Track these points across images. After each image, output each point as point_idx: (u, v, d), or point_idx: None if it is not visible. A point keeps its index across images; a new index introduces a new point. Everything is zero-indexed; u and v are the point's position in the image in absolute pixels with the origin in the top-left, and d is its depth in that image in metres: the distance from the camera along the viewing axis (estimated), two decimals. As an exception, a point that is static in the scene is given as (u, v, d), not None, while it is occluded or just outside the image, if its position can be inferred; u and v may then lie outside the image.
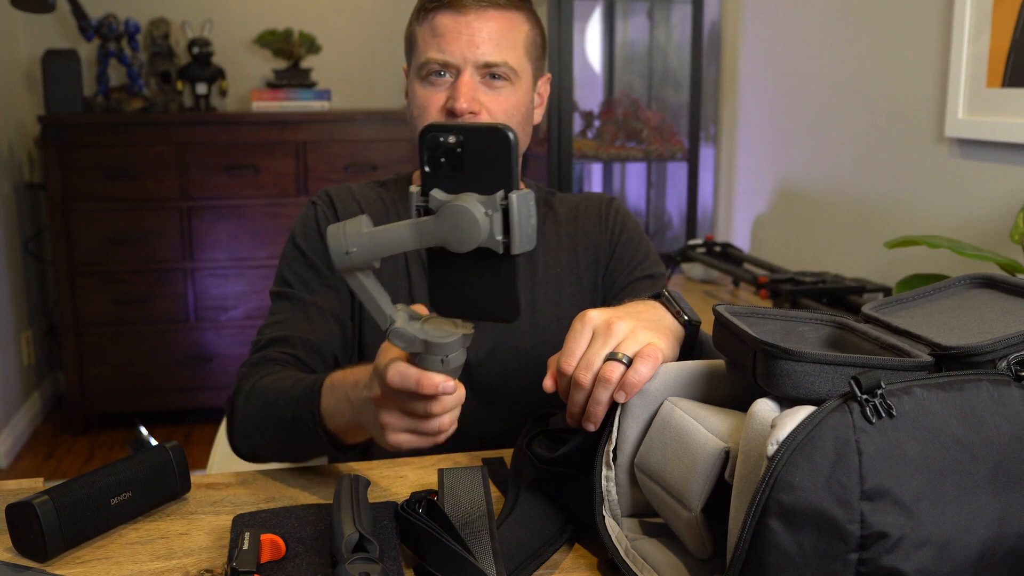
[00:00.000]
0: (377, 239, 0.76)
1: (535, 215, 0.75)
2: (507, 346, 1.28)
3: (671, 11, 3.44)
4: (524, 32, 1.23)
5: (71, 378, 3.45)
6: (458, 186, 0.75)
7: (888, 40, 2.20)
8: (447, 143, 0.75)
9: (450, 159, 0.75)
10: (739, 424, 0.78)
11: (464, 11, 1.19)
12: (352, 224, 0.76)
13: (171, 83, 3.72)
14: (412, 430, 0.86)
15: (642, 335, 0.88)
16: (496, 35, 1.20)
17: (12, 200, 3.52)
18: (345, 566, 0.75)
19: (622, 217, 1.35)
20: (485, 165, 0.74)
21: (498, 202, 0.74)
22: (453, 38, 1.19)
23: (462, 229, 0.74)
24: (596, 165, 3.70)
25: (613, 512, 0.88)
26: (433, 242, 0.75)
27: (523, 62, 1.23)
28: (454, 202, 0.74)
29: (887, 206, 2.22)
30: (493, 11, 1.20)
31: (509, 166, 0.74)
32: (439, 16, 1.20)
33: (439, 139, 0.75)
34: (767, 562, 0.67)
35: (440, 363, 0.79)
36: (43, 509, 0.86)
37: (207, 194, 3.45)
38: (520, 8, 1.23)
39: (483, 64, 1.19)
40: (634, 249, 1.33)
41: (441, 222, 0.74)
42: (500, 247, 0.74)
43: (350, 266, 0.77)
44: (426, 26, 1.22)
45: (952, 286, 0.89)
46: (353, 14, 3.93)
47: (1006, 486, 0.69)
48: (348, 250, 0.76)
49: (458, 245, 0.74)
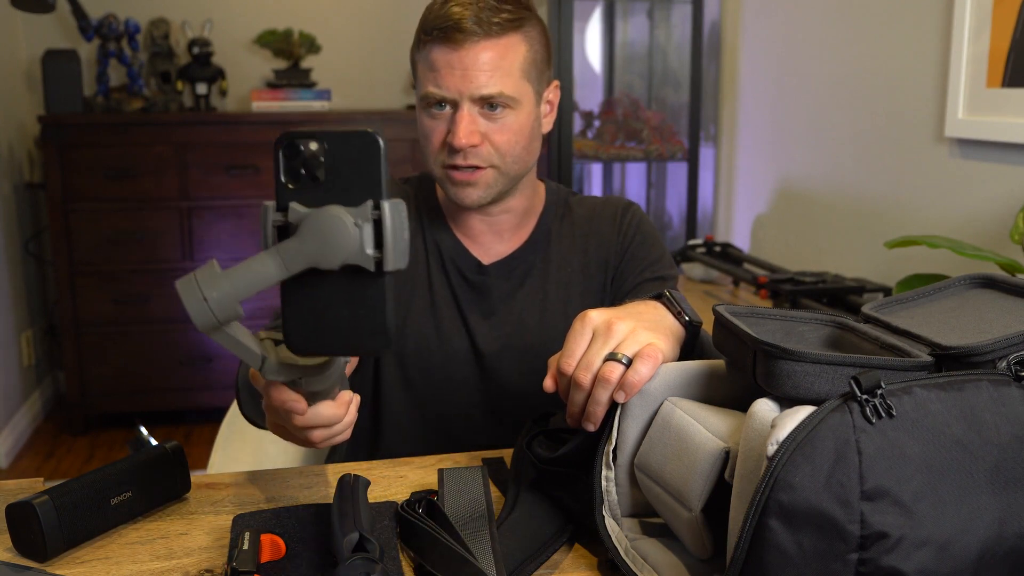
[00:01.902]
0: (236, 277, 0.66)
1: (408, 228, 0.68)
2: (516, 344, 1.28)
3: (671, 11, 3.44)
4: (520, 55, 1.21)
5: (71, 378, 3.45)
6: (320, 199, 0.67)
7: (888, 40, 2.20)
8: (308, 151, 0.67)
9: (311, 168, 0.67)
10: (739, 424, 0.78)
11: (456, 45, 1.17)
12: (203, 271, 0.67)
13: (171, 83, 3.72)
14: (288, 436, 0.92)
15: (642, 335, 0.88)
16: (490, 66, 1.18)
17: (12, 200, 3.52)
18: (345, 566, 0.75)
19: (637, 220, 1.35)
20: (352, 173, 0.67)
21: (369, 212, 0.66)
22: (448, 73, 1.18)
23: (331, 241, 0.65)
24: (596, 165, 3.71)
25: (613, 512, 0.88)
26: (301, 264, 0.66)
27: (521, 86, 1.21)
28: (313, 214, 0.66)
29: (887, 206, 2.22)
30: (485, 41, 1.18)
31: (379, 174, 0.67)
32: (434, 49, 1.19)
33: (299, 147, 0.67)
34: (767, 562, 0.67)
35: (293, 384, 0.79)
36: (43, 509, 0.86)
37: (207, 194, 3.45)
38: (516, 29, 1.20)
39: (479, 97, 1.18)
40: (647, 251, 1.33)
41: (305, 238, 0.65)
42: (371, 263, 0.66)
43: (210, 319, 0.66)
44: (424, 57, 1.21)
45: (952, 286, 0.89)
46: (353, 14, 3.93)
47: (1006, 486, 0.69)
48: (206, 296, 0.66)
49: (327, 260, 0.66)
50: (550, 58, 1.29)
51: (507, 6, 1.20)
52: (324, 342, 0.69)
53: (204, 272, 0.67)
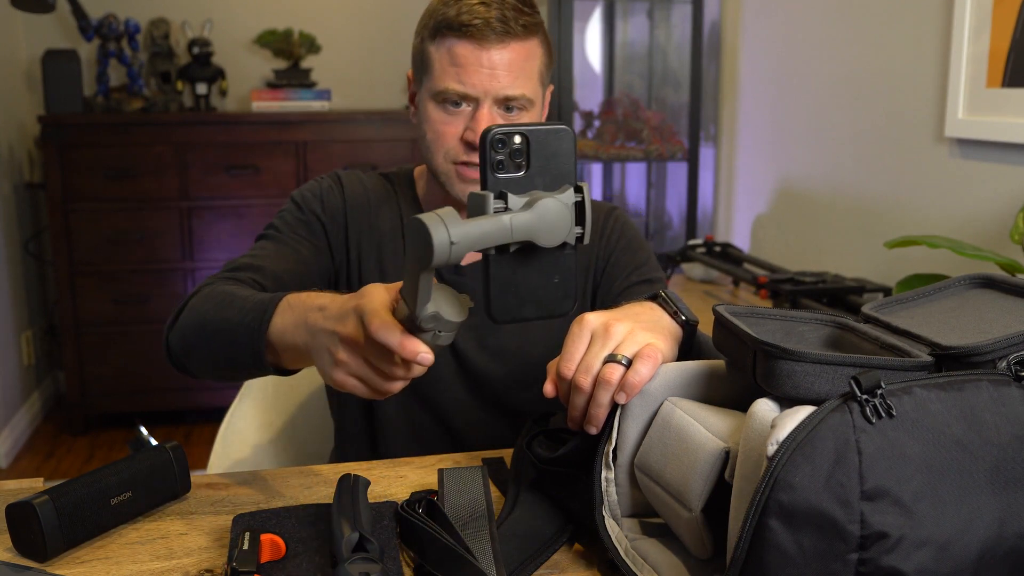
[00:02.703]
0: (482, 230, 0.73)
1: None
2: (492, 345, 1.28)
3: (671, 11, 3.44)
4: (539, 59, 1.23)
5: (71, 378, 3.45)
6: (524, 185, 0.76)
7: (888, 40, 2.20)
8: (514, 144, 0.76)
9: (515, 158, 0.76)
10: (739, 424, 0.78)
11: (485, 43, 1.17)
12: (448, 215, 0.72)
13: (171, 83, 3.72)
14: (363, 379, 0.85)
15: (640, 336, 0.88)
16: (515, 67, 1.19)
17: (12, 200, 3.52)
18: (345, 566, 0.75)
19: (620, 226, 1.35)
20: (550, 163, 0.77)
21: (572, 196, 0.77)
22: (474, 71, 1.17)
23: (557, 224, 0.75)
24: (596, 165, 3.70)
25: (613, 512, 0.88)
26: (523, 236, 0.75)
27: (537, 89, 1.23)
28: (544, 200, 0.75)
29: (887, 206, 2.22)
30: (513, 43, 1.18)
31: (573, 162, 0.78)
32: (459, 44, 1.18)
33: (507, 140, 0.76)
34: (767, 562, 0.67)
35: (432, 336, 0.79)
36: (43, 509, 0.86)
37: (207, 194, 3.45)
38: (535, 33, 1.22)
39: (502, 97, 1.19)
40: (632, 254, 1.33)
41: (534, 216, 0.75)
42: (574, 239, 0.77)
43: (446, 260, 0.72)
44: (444, 51, 1.20)
45: (952, 286, 0.89)
46: (353, 14, 3.93)
47: (1006, 486, 0.69)
48: (452, 240, 0.71)
49: (548, 239, 0.75)
50: (552, 64, 1.30)
51: (526, 9, 1.20)
52: (522, 309, 0.78)
53: (447, 214, 0.72)
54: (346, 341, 0.85)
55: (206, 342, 1.07)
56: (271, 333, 0.97)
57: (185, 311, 1.11)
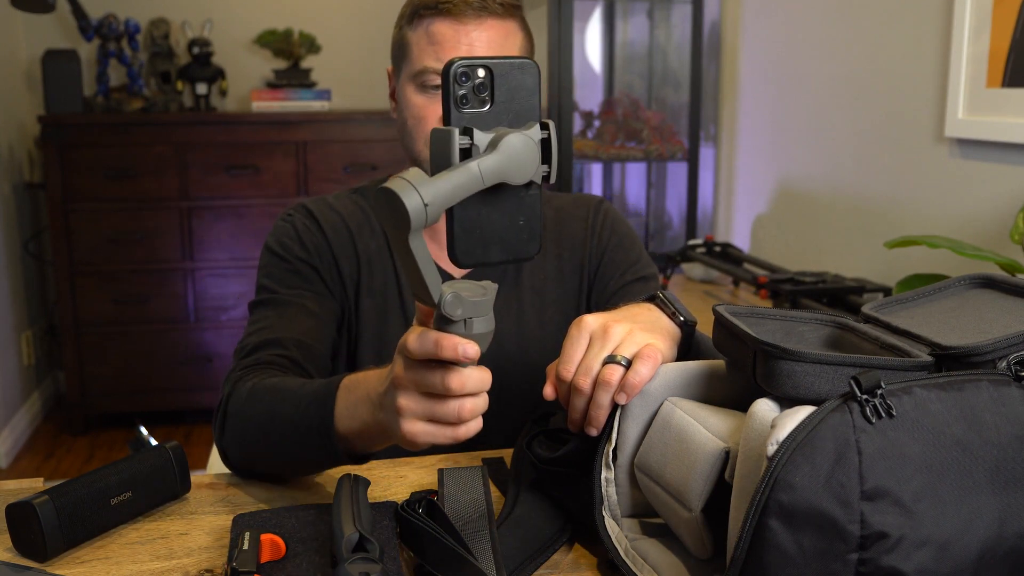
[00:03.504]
0: (453, 184, 0.70)
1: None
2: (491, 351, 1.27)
3: (671, 11, 3.44)
4: (519, 40, 1.22)
5: (71, 378, 3.45)
6: (489, 122, 0.74)
7: (888, 40, 2.20)
8: (478, 77, 0.73)
9: (479, 92, 0.74)
10: (739, 424, 0.78)
11: (463, 20, 1.16)
12: (414, 175, 0.69)
13: (171, 83, 3.72)
14: (429, 417, 0.78)
15: (639, 336, 0.88)
16: (495, 44, 1.17)
17: (12, 200, 3.52)
18: (345, 566, 0.75)
19: (611, 221, 1.33)
20: (515, 98, 0.74)
21: (538, 133, 0.74)
22: (452, 47, 1.16)
23: (522, 161, 0.73)
24: (596, 165, 3.70)
25: (613, 512, 0.88)
26: (494, 179, 0.72)
27: None
28: (510, 135, 0.73)
29: (887, 206, 2.22)
30: (491, 20, 1.17)
31: (538, 98, 0.75)
32: (436, 23, 1.17)
33: (471, 73, 0.73)
34: (767, 562, 0.67)
35: (465, 326, 0.75)
36: (43, 509, 0.86)
37: (207, 194, 3.45)
38: (514, 16, 1.21)
39: None
40: (625, 252, 1.32)
41: (503, 157, 0.72)
42: (540, 177, 0.75)
43: (424, 223, 0.69)
44: (421, 32, 1.19)
45: (952, 286, 0.89)
46: (353, 14, 3.93)
47: (1006, 486, 0.69)
48: (426, 202, 0.68)
49: (517, 177, 0.73)
50: (533, 53, 1.28)
51: None
52: (487, 252, 0.76)
53: (415, 176, 0.69)
54: (399, 383, 0.79)
55: (269, 450, 1.00)
56: (338, 420, 0.92)
57: (231, 418, 1.04)
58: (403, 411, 0.79)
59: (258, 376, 1.06)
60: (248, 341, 1.14)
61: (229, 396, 1.05)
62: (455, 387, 0.76)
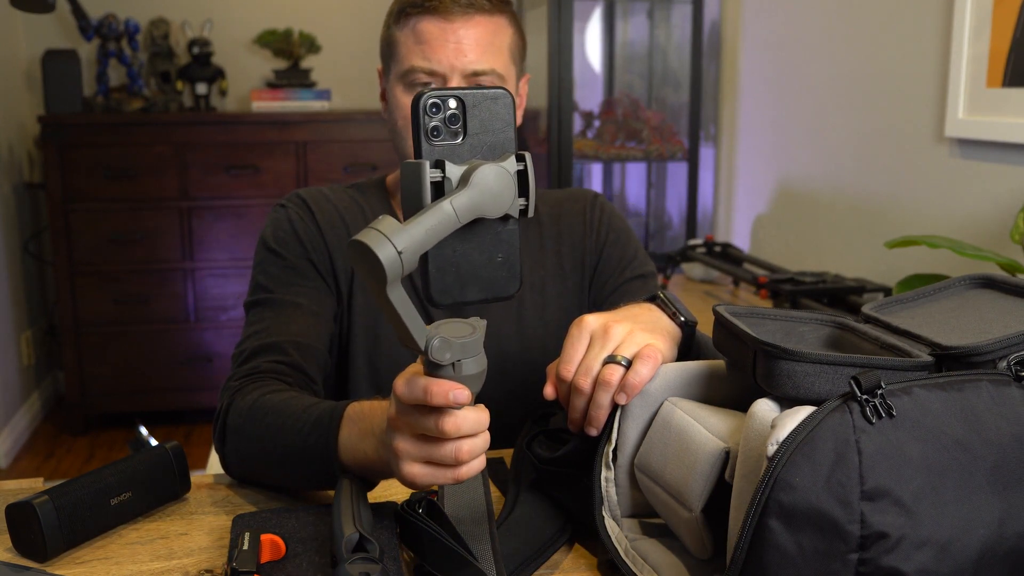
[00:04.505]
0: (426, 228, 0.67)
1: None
2: (493, 351, 1.27)
3: (671, 11, 3.44)
4: (508, 36, 1.21)
5: (71, 378, 3.45)
6: (462, 154, 0.71)
7: (888, 40, 2.20)
8: (449, 109, 0.71)
9: (451, 124, 0.71)
10: (739, 424, 0.78)
11: (450, 17, 1.15)
12: (385, 224, 0.66)
13: (171, 83, 3.72)
14: (426, 459, 0.78)
15: (640, 337, 0.88)
16: (483, 41, 1.16)
17: (12, 200, 3.52)
18: (345, 566, 0.75)
19: (607, 217, 1.33)
20: (488, 129, 0.72)
21: (514, 165, 0.72)
22: (439, 45, 1.15)
23: (500, 194, 0.70)
24: (596, 165, 3.70)
25: (613, 512, 0.88)
26: (470, 215, 0.69)
27: (508, 67, 1.20)
28: (482, 167, 0.70)
29: (887, 206, 2.22)
30: (479, 17, 1.16)
31: (512, 128, 0.73)
32: (423, 22, 1.16)
33: (442, 104, 0.71)
34: (767, 562, 0.67)
35: (455, 370, 0.72)
36: (43, 509, 0.86)
37: (207, 194, 3.45)
38: (503, 12, 1.20)
39: (471, 72, 1.16)
40: (622, 249, 1.31)
41: (475, 191, 0.69)
42: (517, 211, 0.72)
43: (400, 273, 0.66)
44: (408, 31, 1.18)
45: (952, 286, 0.89)
46: (353, 14, 3.93)
47: (1006, 486, 0.69)
48: (400, 250, 0.65)
49: (493, 211, 0.70)
50: (525, 52, 1.28)
51: None
52: (464, 291, 0.73)
53: (386, 225, 0.66)
54: (394, 425, 0.79)
55: (270, 470, 1.00)
56: (341, 451, 0.91)
57: (231, 433, 1.03)
58: (401, 454, 0.79)
59: (258, 388, 1.05)
60: (246, 346, 1.14)
61: (229, 408, 1.05)
62: (450, 431, 0.75)
